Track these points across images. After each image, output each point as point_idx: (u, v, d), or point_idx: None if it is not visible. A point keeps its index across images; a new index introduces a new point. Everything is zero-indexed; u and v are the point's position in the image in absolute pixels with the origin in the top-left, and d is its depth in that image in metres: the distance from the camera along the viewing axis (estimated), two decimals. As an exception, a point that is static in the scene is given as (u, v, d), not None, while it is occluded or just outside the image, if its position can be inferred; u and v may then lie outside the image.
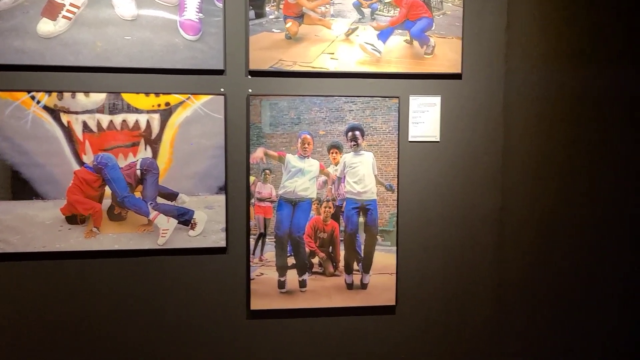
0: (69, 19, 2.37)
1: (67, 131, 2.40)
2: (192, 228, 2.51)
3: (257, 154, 2.54)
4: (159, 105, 2.46)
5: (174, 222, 2.50)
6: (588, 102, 2.73)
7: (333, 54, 2.55)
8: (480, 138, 2.69)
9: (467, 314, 2.75)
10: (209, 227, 2.52)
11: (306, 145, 2.57)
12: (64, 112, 2.40)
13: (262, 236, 2.57)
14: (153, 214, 2.47)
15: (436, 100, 2.64)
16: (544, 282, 2.78)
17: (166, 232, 2.49)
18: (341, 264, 2.63)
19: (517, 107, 2.69)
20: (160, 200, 2.48)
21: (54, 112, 2.39)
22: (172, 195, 2.48)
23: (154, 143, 2.46)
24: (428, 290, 2.72)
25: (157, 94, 2.45)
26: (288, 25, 2.51)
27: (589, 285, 2.81)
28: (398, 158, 2.64)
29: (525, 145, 2.71)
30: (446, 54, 2.62)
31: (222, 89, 2.50)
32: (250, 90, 2.52)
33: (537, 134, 2.71)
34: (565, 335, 2.83)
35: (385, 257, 2.67)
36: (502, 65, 2.67)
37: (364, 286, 2.65)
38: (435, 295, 2.72)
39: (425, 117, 2.64)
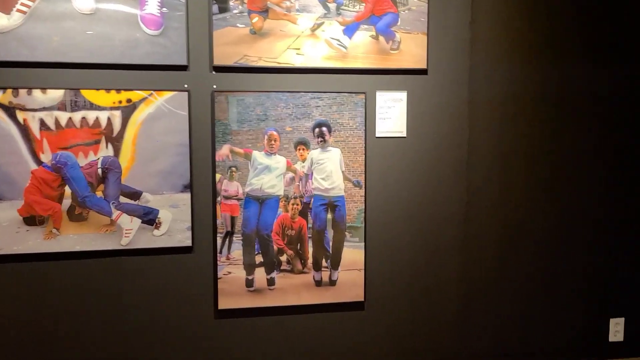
0: (24, 12, 2.28)
1: (24, 129, 2.32)
2: (157, 227, 2.45)
3: (223, 151, 2.50)
4: (120, 102, 2.39)
5: (137, 221, 2.43)
6: (552, 98, 2.78)
7: (299, 49, 2.52)
8: (446, 133, 2.70)
9: (434, 308, 2.77)
10: (174, 226, 2.47)
11: (273, 142, 2.54)
12: (20, 109, 2.31)
13: (229, 234, 2.54)
14: (116, 213, 2.41)
15: (402, 95, 2.64)
16: (509, 276, 2.83)
17: (130, 232, 2.43)
18: (309, 261, 2.62)
19: (482, 103, 2.72)
20: (123, 199, 2.41)
21: (9, 110, 2.30)
22: (135, 194, 2.42)
23: (115, 141, 2.39)
24: (396, 286, 2.73)
25: (118, 90, 2.38)
26: (254, 20, 2.47)
27: (553, 281, 2.87)
28: (365, 154, 2.63)
29: (490, 140, 2.74)
30: (412, 50, 2.62)
31: (185, 85, 2.44)
32: (215, 86, 2.47)
33: (501, 130, 2.75)
34: (529, 329, 2.88)
35: (353, 254, 2.66)
36: (467, 60, 2.68)
37: (332, 283, 2.64)
38: (404, 290, 2.73)
39: (392, 113, 2.64)
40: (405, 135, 2.67)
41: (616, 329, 2.92)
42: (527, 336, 2.88)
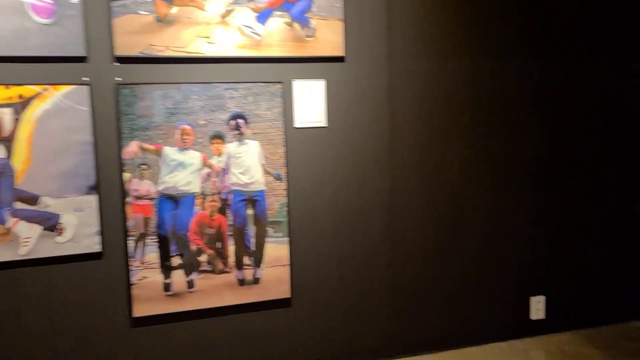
0: None
1: None
2: (60, 234, 2.26)
3: (131, 148, 2.33)
4: (10, 98, 2.17)
5: (37, 228, 2.23)
6: (471, 90, 2.79)
7: (209, 37, 2.39)
8: (367, 121, 2.65)
9: (363, 299, 2.73)
10: (80, 232, 2.29)
11: (185, 137, 2.39)
12: None
13: (142, 237, 2.38)
14: (11, 221, 2.19)
15: (321, 84, 2.57)
16: (434, 263, 2.83)
17: (28, 241, 2.22)
18: (231, 259, 2.50)
19: (402, 90, 2.69)
20: (19, 205, 2.20)
21: None
22: (32, 199, 2.21)
23: (6, 141, 2.17)
24: (324, 279, 2.66)
25: (7, 86, 2.16)
26: (173, 9, 2.30)
27: (476, 265, 2.90)
28: (286, 146, 2.54)
29: (412, 129, 2.72)
30: (328, 37, 2.54)
31: (85, 78, 2.25)
32: (119, 79, 2.30)
33: (422, 118, 2.73)
34: (456, 313, 2.90)
35: (277, 249, 2.57)
36: (384, 48, 2.64)
37: (256, 281, 2.54)
38: (332, 284, 2.68)
39: (311, 102, 2.56)
40: (326, 125, 2.60)
41: (537, 307, 3.00)
42: (455, 320, 2.90)
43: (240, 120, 2.46)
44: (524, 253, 2.97)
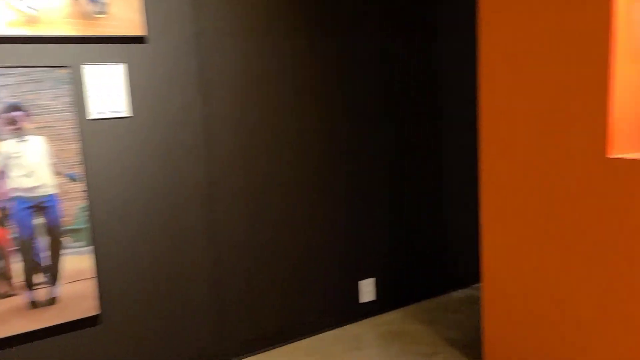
0: None
1: None
2: None
3: None
4: None
5: None
6: (293, 67, 2.66)
7: (-35, 11, 1.93)
8: (178, 108, 2.40)
9: (186, 303, 2.50)
10: None
11: (-59, 135, 1.93)
12: None
13: None
14: None
15: (118, 68, 2.24)
16: (259, 256, 2.69)
17: None
18: (18, 279, 2.10)
19: (215, 72, 2.47)
20: None
21: None
22: None
23: None
24: (140, 288, 2.38)
25: None
26: None
27: (303, 254, 2.83)
28: (81, 141, 2.19)
29: (229, 113, 2.53)
30: (124, 14, 2.22)
31: None
32: None
33: (239, 101, 2.55)
34: (286, 307, 2.81)
35: (78, 261, 2.22)
36: (191, 27, 2.39)
37: (53, 301, 2.17)
38: (149, 291, 2.40)
39: (108, 90, 2.23)
40: (129, 114, 2.29)
41: (367, 290, 3.04)
42: (286, 313, 2.81)
43: (17, 113, 2.05)
44: (351, 238, 2.97)
